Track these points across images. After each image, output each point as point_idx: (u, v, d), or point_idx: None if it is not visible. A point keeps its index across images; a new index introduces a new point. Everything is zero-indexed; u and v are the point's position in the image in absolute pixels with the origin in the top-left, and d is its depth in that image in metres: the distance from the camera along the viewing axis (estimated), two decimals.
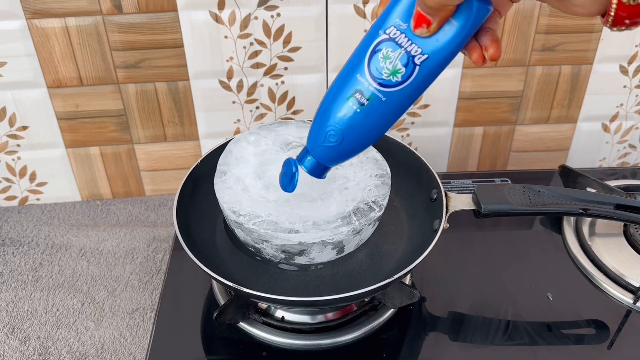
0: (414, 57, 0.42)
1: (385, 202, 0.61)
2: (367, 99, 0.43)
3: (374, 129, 0.45)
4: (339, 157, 0.48)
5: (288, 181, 0.52)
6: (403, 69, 0.42)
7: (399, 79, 0.42)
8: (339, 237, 0.58)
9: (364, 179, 0.63)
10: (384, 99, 0.43)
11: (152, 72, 0.81)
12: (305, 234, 0.57)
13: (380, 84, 0.43)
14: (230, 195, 0.60)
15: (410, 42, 0.41)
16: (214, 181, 0.62)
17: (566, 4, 0.38)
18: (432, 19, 0.40)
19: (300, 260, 0.60)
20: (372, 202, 0.61)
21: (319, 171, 0.50)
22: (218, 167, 0.63)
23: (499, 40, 0.42)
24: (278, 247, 0.58)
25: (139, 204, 0.91)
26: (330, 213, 0.59)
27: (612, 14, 0.36)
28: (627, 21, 0.36)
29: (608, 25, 0.37)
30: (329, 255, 0.60)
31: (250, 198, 0.60)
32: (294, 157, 0.52)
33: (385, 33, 0.42)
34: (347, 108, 0.44)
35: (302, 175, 0.63)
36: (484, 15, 0.40)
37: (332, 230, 0.57)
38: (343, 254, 0.61)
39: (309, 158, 0.49)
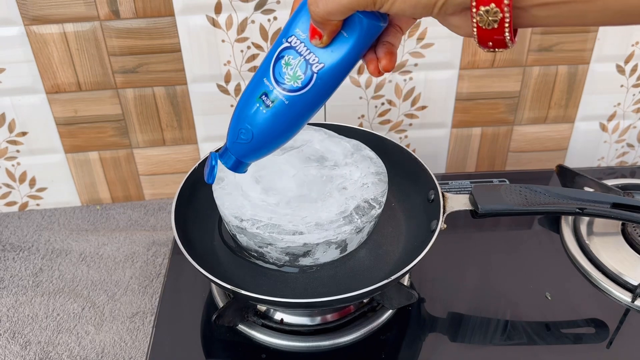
0: (312, 65, 0.44)
1: (384, 199, 0.62)
2: (272, 101, 0.46)
3: (281, 129, 0.48)
4: (251, 154, 0.50)
5: (209, 173, 0.54)
6: (302, 76, 0.45)
7: (300, 85, 0.45)
8: (342, 236, 0.58)
9: (361, 177, 0.63)
10: (287, 102, 0.46)
11: (150, 77, 0.81)
12: (309, 235, 0.57)
13: (283, 89, 0.46)
14: (230, 201, 0.60)
15: (309, 51, 0.44)
16: (213, 188, 0.62)
17: (448, 24, 0.41)
18: (323, 32, 0.43)
19: (305, 261, 0.60)
20: (372, 199, 0.61)
21: (236, 166, 0.52)
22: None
23: (393, 53, 0.44)
24: (282, 250, 0.58)
25: (139, 208, 0.91)
26: (332, 213, 0.59)
27: (476, 36, 0.39)
28: (490, 43, 0.39)
29: (479, 46, 0.40)
30: (333, 254, 0.60)
31: (251, 203, 0.60)
32: (214, 151, 0.54)
33: (287, 41, 0.45)
34: (255, 109, 0.47)
35: (301, 177, 0.63)
36: (376, 32, 0.44)
37: (335, 229, 0.58)
38: (346, 253, 0.62)
39: (227, 154, 0.51)
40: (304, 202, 0.61)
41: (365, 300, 0.66)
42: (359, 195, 0.61)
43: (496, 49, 0.39)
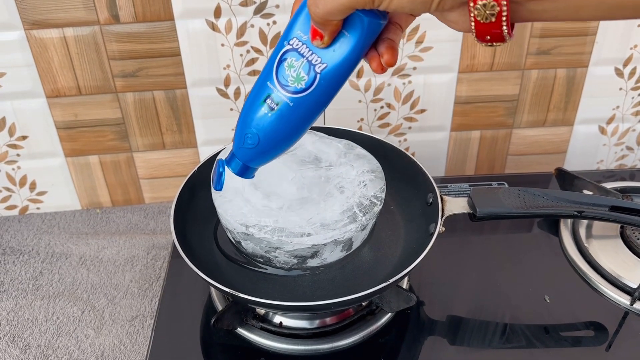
0: (314, 66, 0.45)
1: (384, 195, 0.63)
2: (277, 104, 0.47)
3: (287, 132, 0.48)
4: (259, 158, 0.51)
5: (217, 180, 0.55)
6: (306, 77, 0.45)
7: (303, 86, 0.45)
8: (348, 234, 0.59)
9: (357, 175, 0.64)
10: (291, 104, 0.46)
11: (150, 81, 0.81)
12: (316, 236, 0.58)
13: (287, 91, 0.46)
14: (233, 208, 0.60)
15: (311, 52, 0.45)
16: (213, 197, 0.62)
17: (446, 19, 0.41)
18: (323, 32, 0.43)
19: (313, 262, 0.60)
20: (372, 196, 0.62)
21: (244, 171, 0.52)
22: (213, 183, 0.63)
23: (395, 48, 0.45)
24: (290, 253, 0.58)
25: (139, 212, 0.91)
26: (336, 212, 0.60)
27: (474, 31, 0.39)
28: (487, 37, 0.39)
29: (477, 41, 0.40)
30: (339, 254, 0.61)
31: (254, 208, 0.60)
32: (223, 159, 0.54)
33: (289, 44, 0.45)
34: (260, 113, 0.47)
35: (300, 179, 0.64)
36: (377, 29, 0.44)
37: (341, 228, 0.59)
38: (350, 251, 0.62)
39: (234, 160, 0.51)
40: (306, 203, 0.61)
41: (364, 304, 0.66)
42: (359, 193, 0.62)
43: (494, 43, 0.40)
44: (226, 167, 0.53)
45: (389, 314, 0.65)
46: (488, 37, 0.39)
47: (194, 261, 0.58)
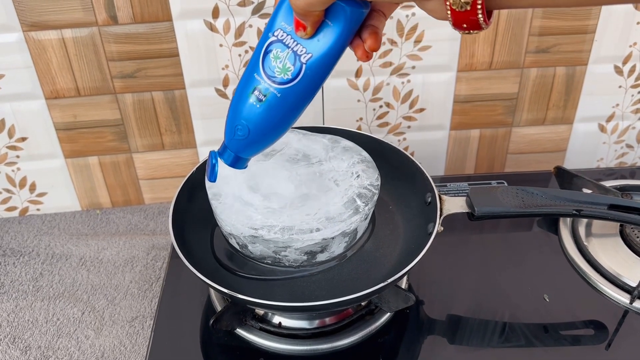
0: (300, 56, 0.45)
1: (379, 182, 0.63)
2: (264, 96, 0.47)
3: (276, 123, 0.49)
4: (250, 148, 0.51)
5: (210, 172, 0.55)
6: (292, 67, 0.46)
7: (290, 77, 0.46)
8: (354, 225, 0.60)
9: (349, 167, 0.65)
10: (279, 95, 0.47)
11: (149, 82, 0.81)
12: (325, 230, 0.58)
13: (274, 82, 0.46)
14: (236, 213, 0.60)
15: (295, 42, 0.45)
16: (212, 204, 0.62)
17: (425, 8, 0.42)
18: (306, 23, 0.43)
19: (322, 257, 0.61)
20: (369, 185, 0.62)
21: (235, 162, 0.53)
22: (209, 191, 0.63)
23: (378, 33, 0.45)
24: (301, 250, 0.59)
25: (138, 213, 0.92)
26: (337, 205, 0.60)
27: (450, 19, 0.40)
28: (464, 25, 0.40)
29: (454, 29, 0.41)
30: (344, 245, 0.62)
31: (256, 211, 0.60)
32: (216, 150, 0.54)
33: (274, 35, 0.46)
34: (248, 104, 0.48)
35: (295, 177, 0.64)
36: (360, 17, 0.44)
37: (347, 220, 0.59)
38: (355, 241, 0.63)
39: (226, 151, 0.52)
40: (308, 200, 0.61)
41: (363, 303, 0.66)
42: (356, 184, 0.63)
43: (471, 31, 0.40)
44: (219, 159, 0.53)
45: (388, 313, 0.65)
46: (465, 25, 0.40)
47: (192, 263, 0.58)
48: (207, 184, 0.63)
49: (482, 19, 0.39)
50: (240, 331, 0.64)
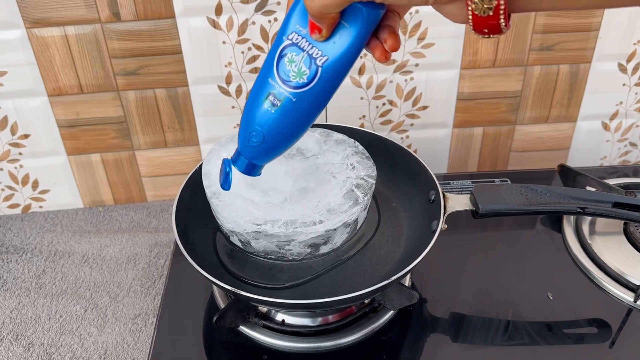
0: (315, 59, 0.44)
1: (375, 172, 0.64)
2: (280, 101, 0.46)
3: (291, 128, 0.48)
4: (265, 155, 0.51)
5: (224, 180, 0.55)
6: (307, 71, 0.45)
7: (305, 80, 0.45)
8: (355, 215, 0.60)
9: (343, 159, 0.65)
10: (294, 99, 0.46)
11: (152, 79, 0.81)
12: (327, 222, 0.58)
13: (289, 86, 0.46)
14: (237, 210, 0.60)
15: (311, 45, 0.44)
16: (212, 202, 0.62)
17: (443, 12, 0.41)
18: (321, 26, 0.43)
19: (325, 249, 0.61)
20: (366, 175, 0.63)
21: (250, 169, 0.52)
22: (207, 190, 0.62)
23: (396, 33, 0.44)
24: (305, 243, 0.59)
25: (141, 210, 0.91)
26: (337, 196, 0.61)
27: (471, 24, 0.39)
28: (485, 30, 0.40)
29: (473, 32, 0.40)
30: (346, 235, 0.62)
31: (257, 207, 0.60)
32: (229, 158, 0.54)
33: (288, 39, 0.45)
34: (263, 110, 0.47)
35: (292, 171, 0.64)
36: (376, 18, 0.43)
37: (348, 211, 0.59)
38: (357, 231, 0.63)
39: (240, 158, 0.51)
40: (307, 193, 0.61)
41: (366, 301, 0.66)
42: (353, 175, 0.63)
43: (491, 35, 0.40)
44: (232, 166, 0.52)
45: (392, 311, 0.65)
46: (486, 30, 0.40)
47: (196, 259, 0.58)
48: (205, 182, 0.63)
49: (503, 23, 0.39)
50: (243, 328, 0.64)
